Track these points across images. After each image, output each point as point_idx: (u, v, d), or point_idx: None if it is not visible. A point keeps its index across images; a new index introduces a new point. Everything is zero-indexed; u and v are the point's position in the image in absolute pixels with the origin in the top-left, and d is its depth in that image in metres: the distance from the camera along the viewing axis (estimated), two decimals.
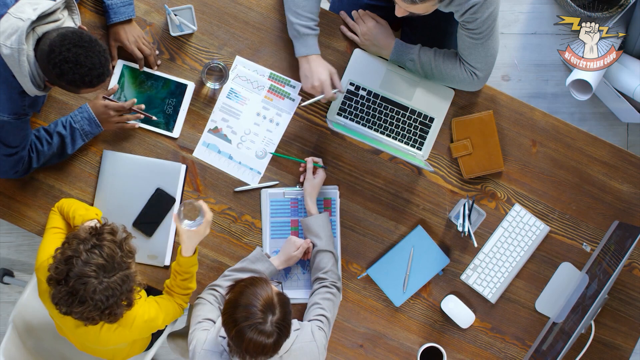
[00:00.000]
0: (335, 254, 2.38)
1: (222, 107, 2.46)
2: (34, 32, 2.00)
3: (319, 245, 2.37)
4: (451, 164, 2.49)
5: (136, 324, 2.17)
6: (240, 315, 1.98)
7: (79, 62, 1.96)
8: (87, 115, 2.35)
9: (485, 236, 2.50)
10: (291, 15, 2.34)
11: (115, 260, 1.98)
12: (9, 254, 3.24)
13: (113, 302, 1.99)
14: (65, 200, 2.34)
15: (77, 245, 1.98)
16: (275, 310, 2.00)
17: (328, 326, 2.26)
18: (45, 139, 2.31)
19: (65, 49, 1.95)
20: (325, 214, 2.41)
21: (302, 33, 2.33)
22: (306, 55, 2.35)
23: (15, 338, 2.49)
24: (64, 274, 1.96)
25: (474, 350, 2.53)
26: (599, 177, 2.51)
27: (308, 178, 2.41)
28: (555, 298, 2.51)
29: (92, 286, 1.94)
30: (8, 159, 2.24)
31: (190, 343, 2.19)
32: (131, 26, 2.37)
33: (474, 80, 2.36)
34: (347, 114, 2.47)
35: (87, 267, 1.94)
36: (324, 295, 2.31)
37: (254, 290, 2.01)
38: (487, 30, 2.22)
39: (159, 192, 2.42)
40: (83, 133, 2.35)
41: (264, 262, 2.37)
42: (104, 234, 2.01)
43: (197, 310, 2.27)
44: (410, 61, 2.40)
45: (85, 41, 1.97)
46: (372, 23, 2.42)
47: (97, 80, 2.01)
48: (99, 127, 2.37)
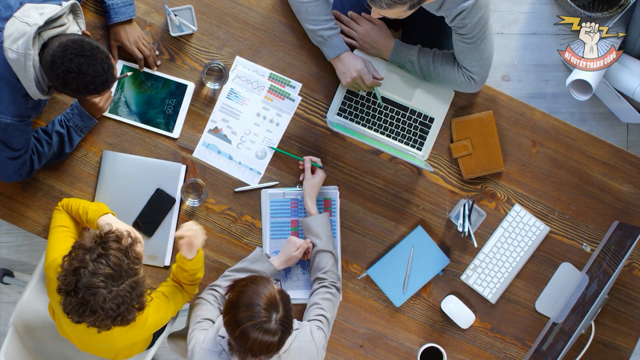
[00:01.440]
0: (335, 254, 2.38)
1: (222, 108, 2.46)
2: (39, 36, 2.00)
3: (318, 245, 2.37)
4: (451, 164, 2.49)
5: (148, 324, 2.17)
6: (244, 314, 1.97)
7: (82, 72, 1.96)
8: (77, 111, 2.35)
9: (485, 236, 2.50)
10: (309, 25, 2.35)
11: (122, 268, 1.97)
12: (9, 254, 3.24)
13: (124, 309, 1.98)
14: (70, 199, 2.33)
15: (83, 255, 1.96)
16: (278, 308, 2.00)
17: (327, 326, 2.26)
18: (44, 139, 2.32)
19: (67, 60, 1.95)
20: (325, 214, 2.41)
21: (326, 36, 2.34)
22: (337, 55, 2.36)
23: (16, 340, 2.49)
24: (72, 285, 1.95)
25: (474, 351, 2.53)
26: (599, 177, 2.51)
27: (307, 178, 2.41)
28: (555, 298, 2.51)
29: (102, 296, 1.94)
30: (12, 162, 2.24)
31: (189, 343, 2.20)
32: (132, 26, 2.37)
33: (471, 84, 2.36)
34: (347, 114, 2.47)
35: (95, 277, 1.93)
36: (323, 295, 2.31)
37: (256, 289, 2.00)
38: (479, 34, 2.22)
39: (159, 192, 2.43)
40: (77, 128, 2.36)
41: (264, 263, 2.37)
42: (109, 242, 1.99)
43: (197, 310, 2.27)
44: (409, 62, 2.40)
45: (87, 50, 1.96)
46: (368, 25, 2.42)
47: (101, 87, 2.01)
48: (91, 120, 2.37)
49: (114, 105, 2.44)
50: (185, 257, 2.21)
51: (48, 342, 2.60)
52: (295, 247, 2.37)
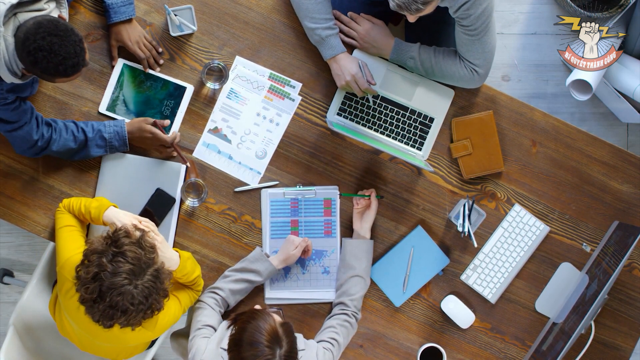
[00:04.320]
0: (368, 284, 2.39)
1: (222, 108, 2.46)
2: (15, 17, 1.98)
3: (357, 269, 2.36)
4: (451, 164, 2.49)
5: (159, 325, 2.17)
6: (248, 354, 1.96)
7: (53, 51, 1.93)
8: (119, 130, 2.35)
9: (485, 236, 2.50)
10: (308, 22, 2.34)
11: (141, 260, 1.97)
12: (9, 254, 3.24)
13: (153, 300, 1.98)
14: (70, 199, 2.33)
15: (99, 259, 1.95)
16: (282, 343, 1.98)
17: (338, 350, 2.27)
18: (72, 130, 2.31)
19: (39, 37, 1.92)
20: (371, 241, 2.41)
21: (324, 36, 2.33)
22: (334, 56, 2.36)
23: (16, 340, 2.49)
24: (96, 291, 1.94)
25: (473, 351, 2.53)
26: (599, 177, 2.51)
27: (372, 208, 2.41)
28: (555, 298, 2.51)
29: (129, 293, 1.93)
30: (13, 135, 2.23)
31: (190, 350, 2.19)
32: (132, 26, 2.37)
33: (474, 77, 2.36)
34: (347, 114, 2.47)
35: (118, 276, 1.92)
36: (342, 322, 2.32)
37: (257, 325, 1.99)
38: (482, 26, 2.22)
39: (159, 192, 2.42)
40: (109, 146, 2.36)
41: (264, 262, 2.37)
42: (121, 239, 1.98)
43: (198, 315, 2.27)
44: (410, 59, 2.40)
45: (60, 30, 1.94)
46: (368, 25, 2.42)
47: (71, 70, 1.98)
48: (125, 146, 2.37)
49: (112, 104, 2.44)
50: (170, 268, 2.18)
51: (48, 342, 2.60)
52: (294, 245, 2.37)
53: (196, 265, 2.30)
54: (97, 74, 2.43)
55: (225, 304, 2.34)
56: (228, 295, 2.33)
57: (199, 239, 2.46)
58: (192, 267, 2.27)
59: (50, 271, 2.61)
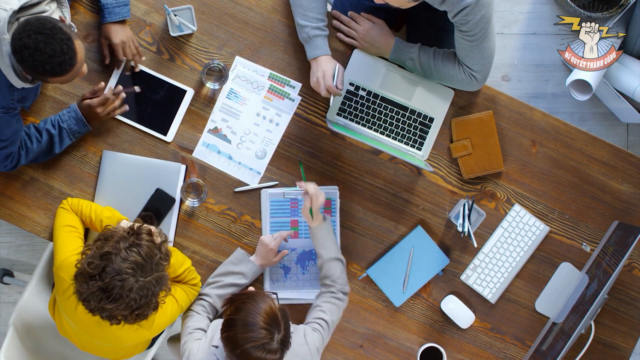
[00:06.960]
0: (342, 260, 2.36)
1: (221, 108, 2.46)
2: (18, 22, 1.98)
3: (324, 256, 2.34)
4: (451, 164, 2.49)
5: (156, 324, 2.17)
6: (244, 335, 1.95)
7: (38, 49, 1.92)
8: (74, 114, 2.34)
9: (485, 236, 2.50)
10: (300, 19, 2.34)
11: (153, 260, 1.97)
12: (9, 254, 3.24)
13: (144, 303, 1.97)
14: (80, 200, 2.33)
15: (116, 243, 1.95)
16: (280, 327, 1.98)
17: (326, 329, 2.25)
18: (35, 136, 2.31)
19: (25, 35, 1.91)
20: (327, 220, 2.38)
21: (311, 35, 2.33)
22: (317, 57, 2.35)
23: (16, 340, 2.49)
24: (99, 269, 1.93)
25: (473, 351, 2.53)
26: (599, 177, 2.51)
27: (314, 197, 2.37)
28: (555, 298, 2.51)
29: (129, 284, 1.93)
30: None
31: (183, 355, 2.18)
32: (122, 27, 2.36)
33: (472, 82, 2.36)
34: (346, 114, 2.47)
35: (126, 263, 1.93)
36: (327, 299, 2.30)
37: (256, 306, 1.98)
38: (481, 32, 2.21)
39: (159, 192, 2.43)
40: (70, 132, 2.35)
41: (247, 263, 2.36)
42: (143, 234, 1.99)
43: (187, 322, 2.26)
44: (410, 60, 2.40)
45: (47, 28, 1.93)
46: (368, 24, 2.42)
47: (58, 69, 1.96)
48: (86, 126, 2.37)
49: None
50: None
51: (48, 342, 2.60)
52: (266, 245, 2.36)
53: (185, 259, 2.30)
54: (96, 74, 2.43)
55: (213, 310, 2.33)
56: (215, 300, 2.32)
57: (199, 239, 2.46)
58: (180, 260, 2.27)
59: (50, 271, 2.61)
